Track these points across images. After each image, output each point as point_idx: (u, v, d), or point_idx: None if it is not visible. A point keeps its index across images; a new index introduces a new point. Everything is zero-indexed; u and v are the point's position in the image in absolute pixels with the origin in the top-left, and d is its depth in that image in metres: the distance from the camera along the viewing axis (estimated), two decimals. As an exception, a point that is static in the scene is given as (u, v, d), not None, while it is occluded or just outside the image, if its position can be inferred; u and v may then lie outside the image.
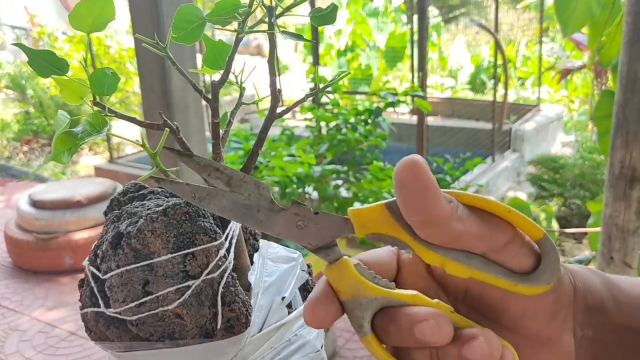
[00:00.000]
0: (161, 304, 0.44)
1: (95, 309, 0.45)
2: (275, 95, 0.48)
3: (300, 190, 2.78)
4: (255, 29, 0.44)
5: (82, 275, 0.49)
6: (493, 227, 0.41)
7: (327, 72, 7.78)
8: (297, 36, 0.44)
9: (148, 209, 0.46)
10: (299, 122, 3.74)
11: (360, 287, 0.41)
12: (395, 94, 2.93)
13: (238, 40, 0.45)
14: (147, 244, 0.44)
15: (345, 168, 2.91)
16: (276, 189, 2.78)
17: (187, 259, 0.45)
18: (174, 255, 0.44)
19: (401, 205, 0.39)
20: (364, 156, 2.98)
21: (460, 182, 4.07)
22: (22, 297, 3.53)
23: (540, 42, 6.17)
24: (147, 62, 2.25)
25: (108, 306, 0.45)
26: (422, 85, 3.39)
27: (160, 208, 0.46)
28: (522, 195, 4.40)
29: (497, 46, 5.05)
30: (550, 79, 6.55)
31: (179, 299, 0.44)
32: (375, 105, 3.10)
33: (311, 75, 3.47)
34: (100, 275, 0.45)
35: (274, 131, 3.60)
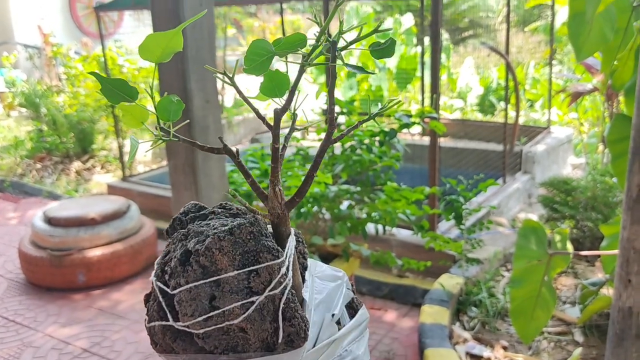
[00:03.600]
0: (227, 319, 0.46)
1: (164, 323, 0.48)
2: (332, 122, 0.51)
3: (314, 209, 2.80)
4: (317, 62, 0.48)
5: (95, 292, 0.52)
6: None
7: (337, 94, 7.86)
8: (359, 68, 0.47)
9: (214, 228, 0.49)
10: (312, 142, 3.78)
11: None
12: (410, 116, 2.96)
13: (301, 72, 0.48)
14: (214, 261, 0.47)
15: (358, 188, 2.94)
16: (291, 208, 2.80)
17: (251, 276, 0.47)
18: (240, 272, 0.47)
19: None
20: (378, 177, 3.00)
21: (472, 203, 4.08)
22: (35, 313, 3.55)
23: (550, 65, 6.21)
24: (168, 82, 2.29)
25: (176, 320, 0.47)
26: (436, 106, 3.42)
27: (226, 227, 0.49)
28: (534, 217, 4.41)
29: (508, 68, 5.09)
30: (560, 102, 6.58)
31: (243, 313, 0.46)
32: (385, 126, 3.13)
33: (322, 95, 3.51)
34: (168, 290, 0.48)
35: (288, 151, 3.63)
